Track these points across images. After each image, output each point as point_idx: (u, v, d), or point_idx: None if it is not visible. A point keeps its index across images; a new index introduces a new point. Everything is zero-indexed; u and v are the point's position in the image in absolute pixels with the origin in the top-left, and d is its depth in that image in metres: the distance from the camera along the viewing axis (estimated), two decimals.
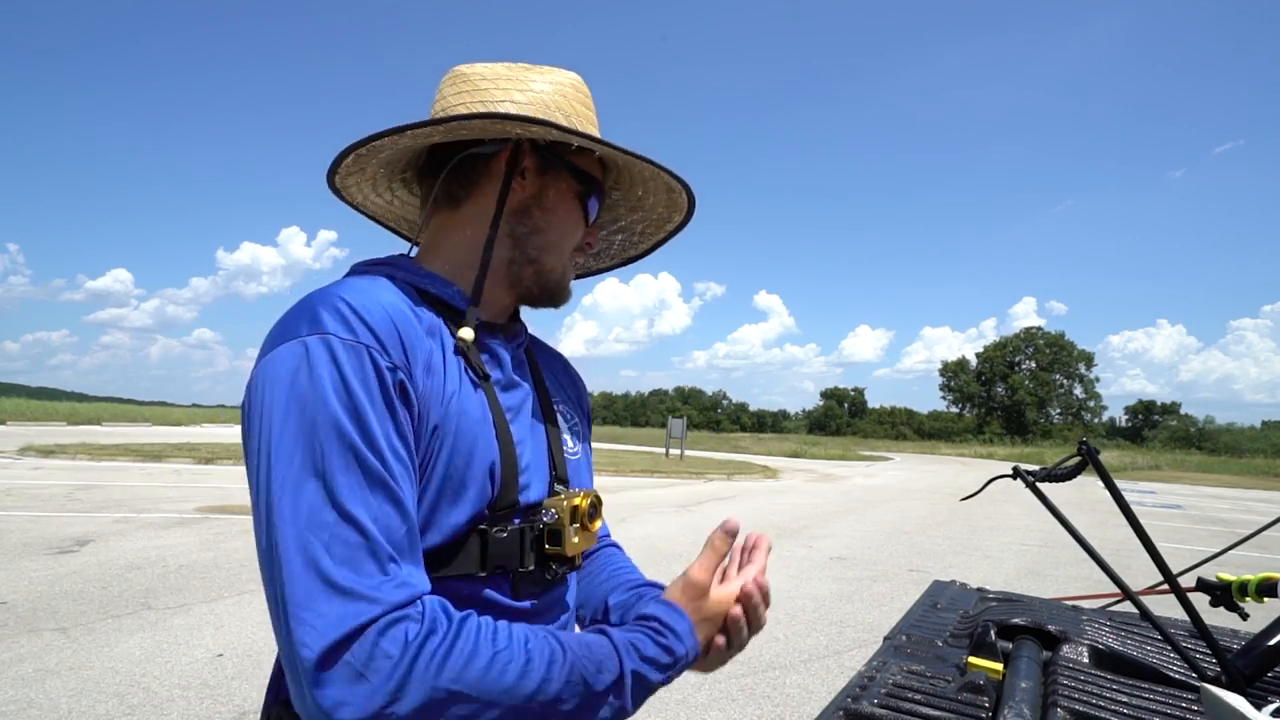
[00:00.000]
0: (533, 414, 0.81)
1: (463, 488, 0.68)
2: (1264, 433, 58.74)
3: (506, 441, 0.72)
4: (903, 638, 1.04)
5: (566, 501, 0.74)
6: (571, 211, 0.82)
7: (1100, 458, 0.81)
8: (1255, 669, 0.81)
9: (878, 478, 20.57)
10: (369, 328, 0.63)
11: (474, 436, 0.69)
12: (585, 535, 0.76)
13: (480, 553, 0.69)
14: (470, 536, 0.69)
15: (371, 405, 0.60)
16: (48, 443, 16.50)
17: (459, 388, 0.70)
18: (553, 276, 0.82)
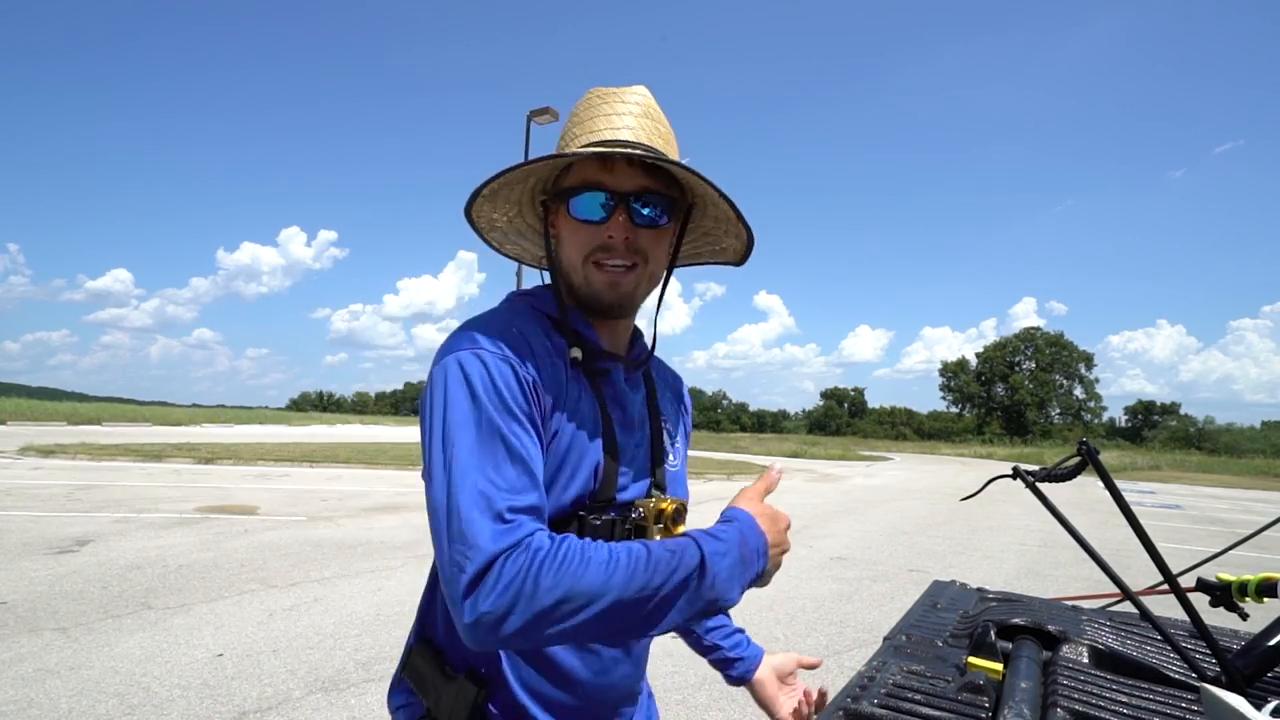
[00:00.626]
0: (639, 427, 0.96)
1: (570, 477, 0.85)
2: (1264, 433, 58.75)
3: (611, 446, 0.88)
4: (903, 638, 1.04)
5: (655, 504, 0.88)
6: (570, 230, 0.90)
7: (1100, 458, 0.81)
8: (1255, 669, 0.81)
9: (878, 478, 20.57)
10: (510, 346, 0.82)
11: (584, 438, 0.86)
12: (668, 534, 0.87)
13: (578, 533, 0.83)
14: (572, 518, 0.85)
15: (514, 401, 0.79)
16: (48, 443, 16.50)
17: (577, 398, 0.87)
18: (582, 292, 0.91)
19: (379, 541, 6.88)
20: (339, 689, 3.38)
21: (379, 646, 3.96)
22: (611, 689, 0.94)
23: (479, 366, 0.79)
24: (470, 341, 0.82)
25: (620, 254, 0.88)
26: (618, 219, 0.86)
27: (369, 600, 4.84)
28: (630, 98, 0.91)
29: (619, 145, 0.86)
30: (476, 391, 0.78)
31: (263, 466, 14.23)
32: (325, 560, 5.93)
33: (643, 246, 0.89)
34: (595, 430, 0.87)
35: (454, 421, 0.77)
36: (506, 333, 0.83)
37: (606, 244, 0.87)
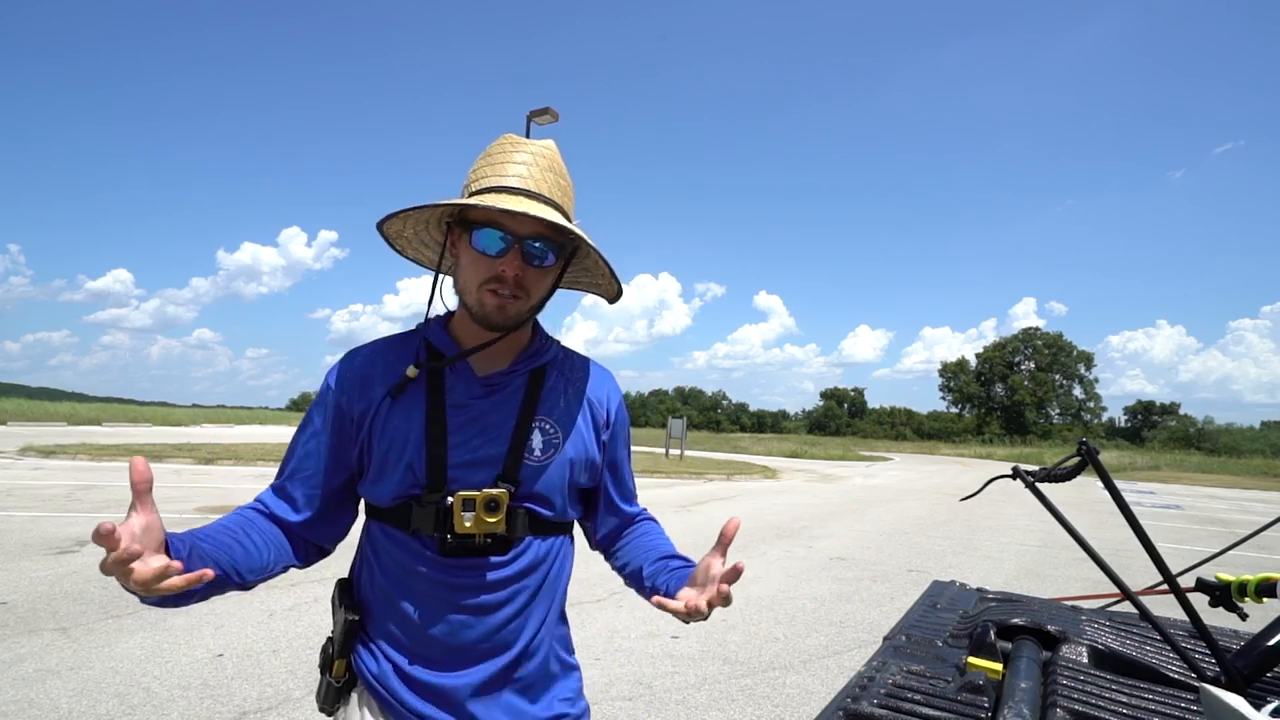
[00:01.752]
0: (492, 427, 1.07)
1: (390, 469, 1.05)
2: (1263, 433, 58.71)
3: (436, 446, 1.04)
4: (902, 638, 1.05)
5: (462, 495, 1.02)
6: (469, 258, 1.05)
7: (1100, 458, 0.81)
8: (1254, 669, 0.81)
9: (877, 478, 20.57)
10: (337, 370, 1.12)
11: (398, 436, 1.05)
12: (479, 522, 1.01)
13: (408, 517, 1.04)
14: (405, 504, 1.05)
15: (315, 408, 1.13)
16: (48, 443, 16.50)
17: (398, 406, 1.06)
18: (475, 312, 1.06)
19: None
20: None
21: None
22: (454, 636, 1.05)
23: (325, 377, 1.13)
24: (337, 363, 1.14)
25: (510, 286, 1.03)
26: (512, 257, 1.03)
27: None
28: (539, 150, 1.08)
29: (523, 193, 1.03)
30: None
31: (263, 467, 14.23)
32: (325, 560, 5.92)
33: (528, 283, 1.05)
34: (418, 434, 1.04)
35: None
36: (347, 356, 1.13)
37: (500, 275, 1.03)
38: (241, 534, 1.01)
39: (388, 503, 1.06)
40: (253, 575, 1.00)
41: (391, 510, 1.06)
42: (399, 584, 1.06)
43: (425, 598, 1.05)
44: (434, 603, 1.05)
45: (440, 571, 1.04)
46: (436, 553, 1.04)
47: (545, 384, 1.14)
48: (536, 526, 1.08)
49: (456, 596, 1.04)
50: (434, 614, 1.05)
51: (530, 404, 1.11)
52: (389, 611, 1.07)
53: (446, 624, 1.05)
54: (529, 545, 1.08)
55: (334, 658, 1.08)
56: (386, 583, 1.07)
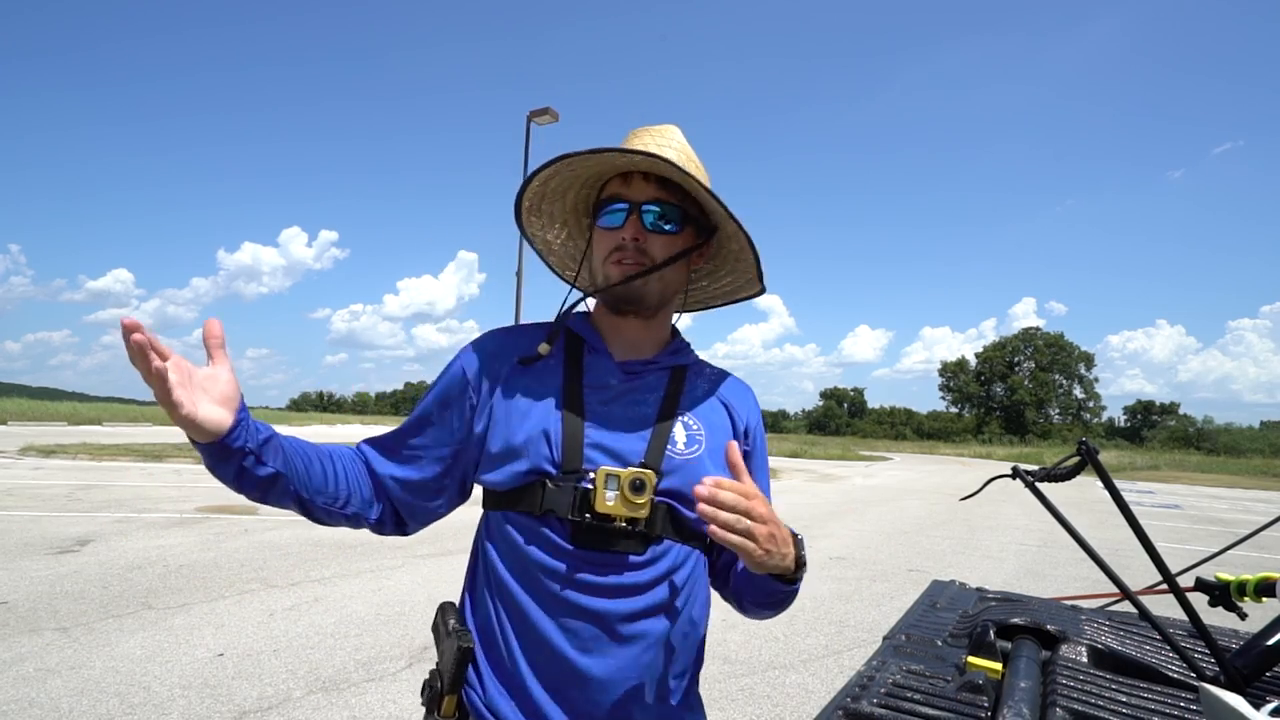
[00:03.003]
0: (634, 411, 1.02)
1: (521, 443, 0.96)
2: (1263, 433, 58.74)
3: (572, 419, 0.97)
4: (902, 637, 1.05)
5: (607, 473, 0.92)
6: (598, 240, 1.04)
7: (1099, 458, 0.81)
8: (1254, 669, 0.81)
9: (877, 478, 20.57)
10: (471, 344, 1.08)
11: (531, 414, 0.98)
12: (625, 503, 0.92)
13: (539, 498, 0.94)
14: (534, 484, 0.95)
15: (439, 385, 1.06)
16: (48, 443, 16.50)
17: (530, 382, 1.01)
18: (604, 289, 1.03)
19: (379, 541, 6.87)
20: (339, 689, 3.38)
21: (379, 646, 3.97)
22: (611, 686, 0.92)
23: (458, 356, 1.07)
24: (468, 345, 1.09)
25: (630, 253, 1.00)
26: (630, 223, 1.00)
27: (369, 600, 4.85)
28: (665, 130, 1.05)
29: (639, 154, 0.96)
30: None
31: None
32: (325, 560, 5.93)
33: (650, 248, 1.01)
34: (549, 406, 0.99)
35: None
36: (490, 334, 1.09)
37: (620, 244, 1.00)
38: (325, 456, 0.96)
39: (517, 481, 0.96)
40: (321, 498, 0.94)
41: (519, 491, 0.96)
42: (523, 586, 0.94)
43: (552, 601, 0.93)
44: (562, 608, 0.93)
45: (572, 565, 0.93)
46: (568, 540, 0.94)
47: (687, 383, 1.09)
48: (678, 527, 0.97)
49: (590, 599, 0.93)
50: (562, 622, 0.93)
51: (673, 398, 1.05)
52: (510, 628, 0.95)
53: (575, 637, 0.93)
54: (668, 549, 0.97)
55: (443, 693, 0.93)
56: (506, 591, 0.95)
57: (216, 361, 0.84)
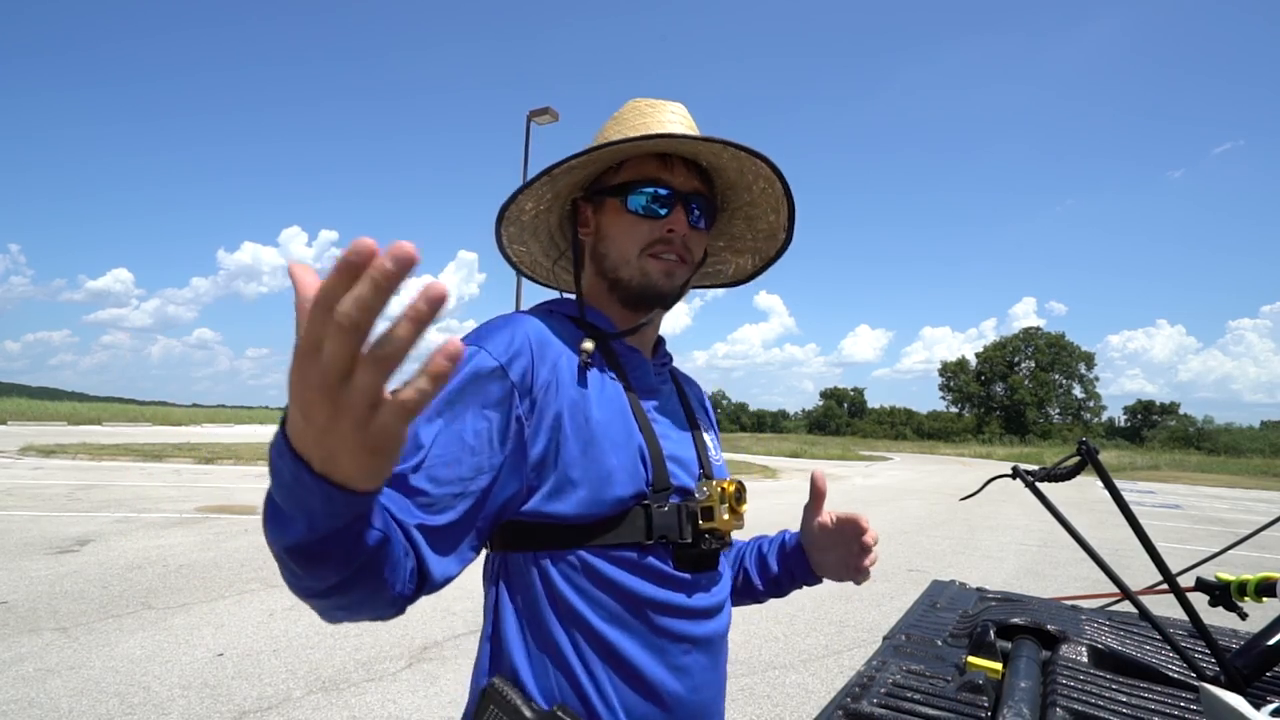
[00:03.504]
0: (677, 418, 0.96)
1: (608, 466, 0.81)
2: (1263, 433, 58.71)
3: (649, 432, 0.86)
4: (902, 637, 1.05)
5: (718, 485, 0.86)
6: (623, 224, 0.92)
7: (1099, 457, 0.81)
8: (1254, 669, 0.81)
9: (877, 478, 20.56)
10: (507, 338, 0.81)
11: (614, 424, 0.84)
12: (735, 516, 0.87)
13: (645, 524, 0.82)
14: (635, 510, 0.82)
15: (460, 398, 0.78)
16: (48, 442, 16.49)
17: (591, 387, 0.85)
18: (635, 283, 0.92)
19: None
20: (339, 689, 3.38)
21: (379, 646, 3.97)
22: (703, 706, 0.85)
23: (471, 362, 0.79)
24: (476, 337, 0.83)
25: (677, 248, 0.92)
26: (679, 214, 0.91)
27: None
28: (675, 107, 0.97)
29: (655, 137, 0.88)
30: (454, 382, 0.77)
31: (263, 466, 14.21)
32: None
33: (692, 245, 0.94)
34: (623, 416, 0.85)
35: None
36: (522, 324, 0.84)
37: (665, 237, 0.91)
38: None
39: (614, 508, 0.81)
40: (393, 581, 0.65)
41: (614, 520, 0.81)
42: (626, 630, 0.80)
43: (664, 638, 0.82)
44: (675, 643, 0.83)
45: (688, 593, 0.85)
46: (675, 566, 0.84)
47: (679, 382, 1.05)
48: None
49: (701, 625, 0.85)
50: (675, 661, 0.82)
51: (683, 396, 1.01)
52: (611, 687, 0.79)
53: (687, 675, 0.83)
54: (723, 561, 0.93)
55: None
56: (600, 642, 0.79)
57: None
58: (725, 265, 1.13)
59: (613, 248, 0.93)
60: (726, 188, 1.01)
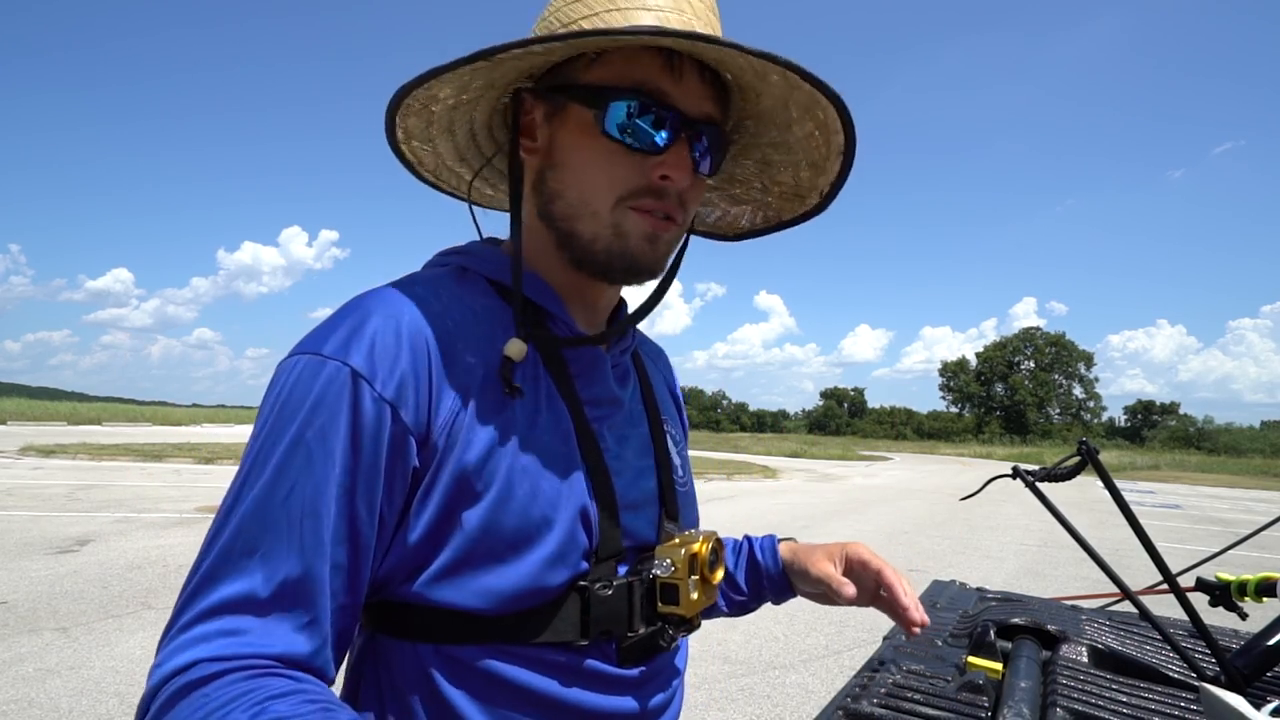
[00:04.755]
0: (638, 438, 0.70)
1: (536, 539, 0.57)
2: (1263, 433, 58.75)
3: (601, 478, 0.62)
4: (902, 637, 1.04)
5: (684, 548, 0.62)
6: (593, 154, 0.61)
7: (1100, 458, 0.81)
8: (1254, 669, 0.81)
9: (877, 478, 20.56)
10: (370, 349, 0.54)
11: (536, 477, 0.59)
12: (705, 590, 0.64)
13: (580, 616, 0.59)
14: (568, 596, 0.59)
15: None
16: (48, 442, 16.49)
17: (518, 418, 0.59)
18: (597, 246, 0.62)
19: None
20: (338, 688, 3.38)
21: None
22: None
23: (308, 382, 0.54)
24: (319, 340, 0.55)
25: (670, 203, 0.62)
26: (680, 152, 0.61)
27: None
28: None
29: (696, 39, 0.53)
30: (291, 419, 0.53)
31: None
32: None
33: (688, 200, 0.64)
34: (566, 458, 0.61)
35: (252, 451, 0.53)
36: (399, 319, 0.56)
37: (657, 186, 0.61)
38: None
39: (528, 601, 0.57)
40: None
41: (534, 615, 0.58)
42: None
43: None
44: None
45: (636, 698, 0.63)
46: (618, 663, 0.62)
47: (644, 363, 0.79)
48: None
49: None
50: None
51: (648, 390, 0.75)
52: None
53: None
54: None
55: None
56: None
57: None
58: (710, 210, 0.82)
59: (572, 185, 0.62)
60: (749, 116, 0.69)
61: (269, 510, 0.51)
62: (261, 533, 0.51)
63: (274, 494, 0.52)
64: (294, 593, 0.51)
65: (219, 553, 0.51)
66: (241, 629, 0.50)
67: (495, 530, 0.57)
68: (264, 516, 0.51)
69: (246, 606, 0.50)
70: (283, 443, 0.52)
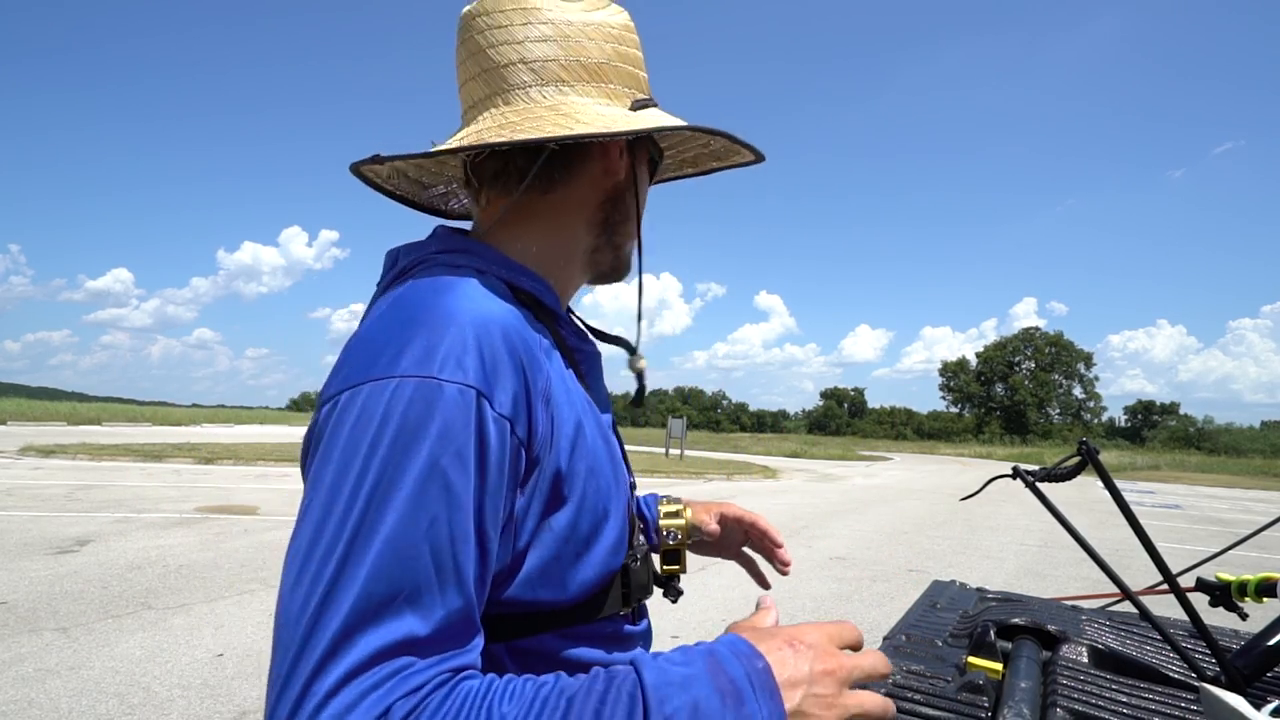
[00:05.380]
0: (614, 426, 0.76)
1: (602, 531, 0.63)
2: (1263, 433, 58.76)
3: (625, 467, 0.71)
4: (902, 638, 1.04)
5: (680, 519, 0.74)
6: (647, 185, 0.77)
7: (1100, 458, 0.81)
8: (1254, 669, 0.81)
9: (877, 478, 20.57)
10: (482, 366, 0.53)
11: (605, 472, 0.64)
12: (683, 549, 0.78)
13: (624, 590, 0.68)
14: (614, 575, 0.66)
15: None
16: (48, 443, 16.49)
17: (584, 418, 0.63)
18: (627, 254, 0.77)
19: None
20: None
21: None
22: None
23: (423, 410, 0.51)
24: (444, 361, 0.53)
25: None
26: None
27: None
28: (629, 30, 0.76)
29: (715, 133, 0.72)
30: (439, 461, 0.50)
31: (263, 466, 14.22)
32: None
33: None
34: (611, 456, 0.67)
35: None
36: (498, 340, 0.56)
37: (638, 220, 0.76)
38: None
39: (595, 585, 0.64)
40: None
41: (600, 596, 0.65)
42: None
43: None
44: None
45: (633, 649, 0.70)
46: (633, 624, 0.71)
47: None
48: None
49: None
50: None
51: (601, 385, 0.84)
52: None
53: None
54: None
55: None
56: None
57: None
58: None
59: (639, 208, 0.74)
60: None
61: (410, 546, 0.48)
62: (405, 573, 0.48)
63: (413, 529, 0.48)
64: (457, 626, 0.50)
65: (357, 602, 0.46)
66: (410, 666, 0.47)
67: (577, 528, 0.61)
68: (405, 554, 0.48)
69: (409, 649, 0.47)
70: (410, 474, 0.49)
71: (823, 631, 0.53)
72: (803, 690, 0.49)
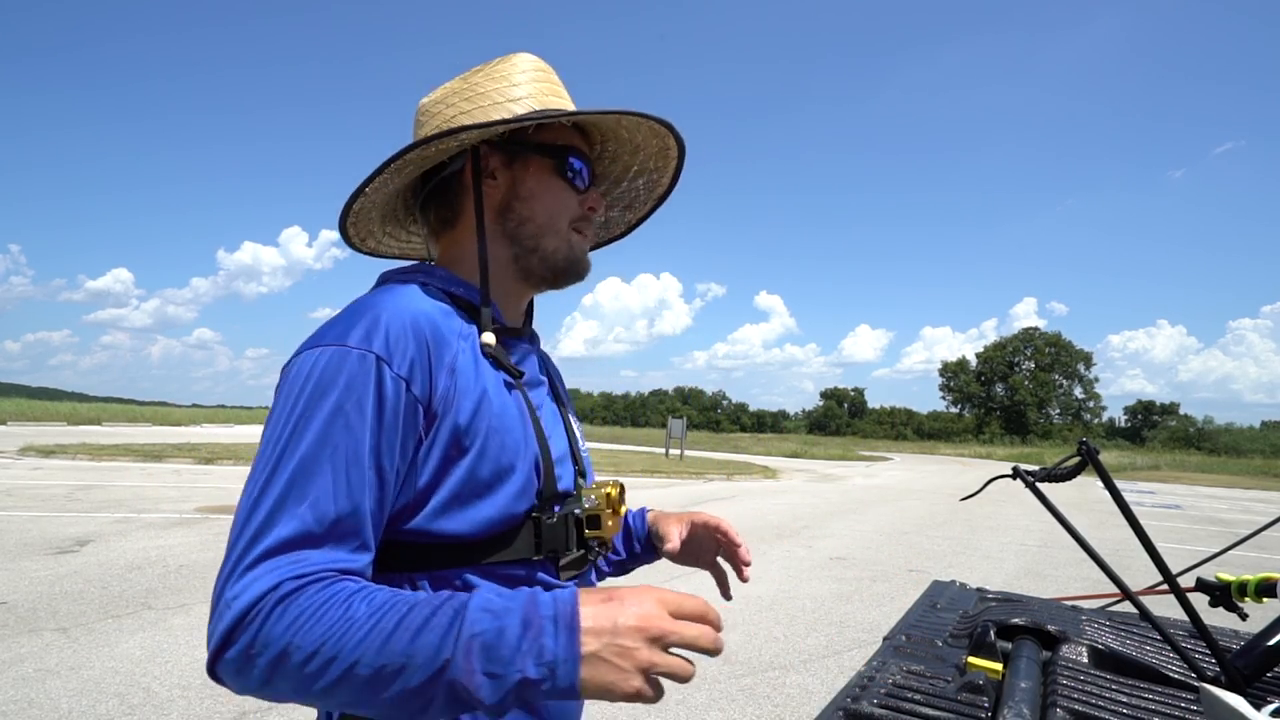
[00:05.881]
0: (550, 410, 0.89)
1: (505, 480, 0.75)
2: (1263, 433, 58.74)
3: (542, 437, 0.81)
4: (902, 638, 1.04)
5: (603, 489, 0.84)
6: (553, 189, 0.86)
7: (1100, 458, 0.81)
8: (1255, 669, 0.81)
9: (877, 478, 20.57)
10: (390, 333, 0.70)
11: (513, 432, 0.77)
12: (615, 520, 0.85)
13: (535, 539, 0.78)
14: (525, 524, 0.78)
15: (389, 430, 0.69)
16: (48, 443, 16.50)
17: (491, 388, 0.77)
18: (559, 256, 0.87)
19: None
20: None
21: None
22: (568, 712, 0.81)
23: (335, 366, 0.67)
24: (339, 334, 0.70)
25: (591, 225, 0.91)
26: (595, 191, 0.90)
27: None
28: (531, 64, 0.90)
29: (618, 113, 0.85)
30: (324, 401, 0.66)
31: None
32: None
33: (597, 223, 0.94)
34: (524, 421, 0.79)
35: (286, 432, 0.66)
36: (391, 319, 0.71)
37: (586, 214, 0.89)
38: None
39: (506, 523, 0.76)
40: None
41: (506, 537, 0.76)
42: None
43: None
44: None
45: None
46: (555, 577, 0.80)
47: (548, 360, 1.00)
48: None
49: None
50: None
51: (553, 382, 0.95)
52: None
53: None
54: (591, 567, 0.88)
55: None
56: None
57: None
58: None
59: (540, 211, 0.85)
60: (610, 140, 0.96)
61: (316, 465, 0.64)
62: (310, 482, 0.64)
63: (320, 452, 0.64)
64: (346, 525, 0.65)
65: (273, 503, 0.63)
66: (306, 558, 0.62)
67: (478, 475, 0.74)
68: (312, 470, 0.64)
69: (306, 542, 0.63)
70: (322, 413, 0.66)
71: (653, 596, 0.60)
72: (606, 639, 0.57)
